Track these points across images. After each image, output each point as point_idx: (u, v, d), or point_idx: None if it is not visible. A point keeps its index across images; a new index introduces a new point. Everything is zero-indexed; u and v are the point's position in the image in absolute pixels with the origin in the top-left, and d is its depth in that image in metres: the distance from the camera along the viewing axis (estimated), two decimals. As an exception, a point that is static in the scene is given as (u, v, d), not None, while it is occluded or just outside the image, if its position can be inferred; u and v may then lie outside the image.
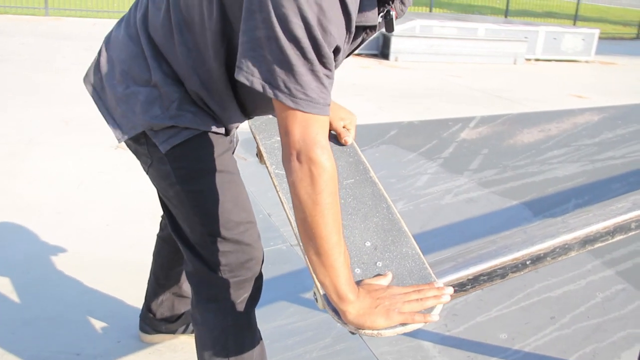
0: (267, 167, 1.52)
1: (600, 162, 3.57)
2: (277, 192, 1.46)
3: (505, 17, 16.58)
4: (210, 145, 1.34)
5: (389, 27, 1.19)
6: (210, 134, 1.34)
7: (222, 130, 1.36)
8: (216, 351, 1.44)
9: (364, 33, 1.21)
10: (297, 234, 1.38)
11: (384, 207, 1.48)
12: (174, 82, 1.28)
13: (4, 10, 11.21)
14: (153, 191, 3.30)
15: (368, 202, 1.48)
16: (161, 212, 1.98)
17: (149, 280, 1.99)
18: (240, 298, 1.41)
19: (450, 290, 1.29)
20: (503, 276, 1.46)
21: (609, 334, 2.15)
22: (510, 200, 3.15)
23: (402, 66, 8.74)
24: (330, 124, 1.58)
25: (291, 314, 2.24)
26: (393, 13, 1.18)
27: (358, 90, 6.49)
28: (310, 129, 1.07)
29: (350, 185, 1.51)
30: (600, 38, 11.51)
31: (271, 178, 1.48)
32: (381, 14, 1.17)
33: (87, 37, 9.16)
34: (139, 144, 1.35)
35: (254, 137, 1.59)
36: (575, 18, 17.22)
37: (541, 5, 20.18)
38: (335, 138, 1.62)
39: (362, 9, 1.11)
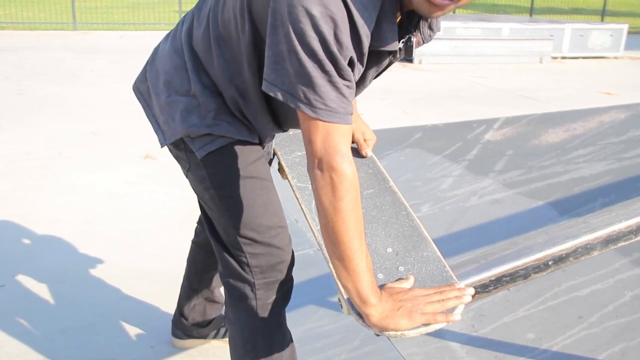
0: (289, 181, 1.58)
1: (627, 160, 3.53)
2: (299, 204, 1.52)
3: (530, 15, 16.44)
4: (244, 153, 1.41)
5: (409, 52, 1.24)
6: (244, 142, 1.41)
7: (255, 139, 1.43)
8: (246, 350, 1.49)
9: (390, 57, 1.27)
10: (319, 241, 1.42)
11: (404, 215, 1.52)
12: (212, 94, 1.36)
13: (33, 26, 11.50)
14: (181, 201, 3.40)
15: (388, 210, 1.52)
16: (191, 221, 2.04)
17: (182, 285, 2.04)
18: (270, 299, 1.46)
19: (471, 291, 1.31)
20: (525, 277, 1.48)
21: (638, 333, 2.13)
22: (535, 200, 3.13)
23: (426, 69, 8.73)
24: (352, 135, 1.66)
25: (319, 317, 2.27)
26: (414, 40, 1.23)
27: (382, 94, 6.51)
28: (331, 137, 1.12)
29: (371, 195, 1.56)
30: (629, 33, 11.33)
31: (293, 191, 1.55)
32: (402, 41, 1.22)
33: (114, 49, 9.35)
34: (179, 149, 1.43)
35: (275, 153, 1.66)
36: (603, 13, 16.99)
37: (567, 1, 19.96)
38: (356, 150, 1.67)
39: (383, 39, 1.16)
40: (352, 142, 1.69)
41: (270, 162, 1.63)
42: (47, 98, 5.84)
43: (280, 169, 1.65)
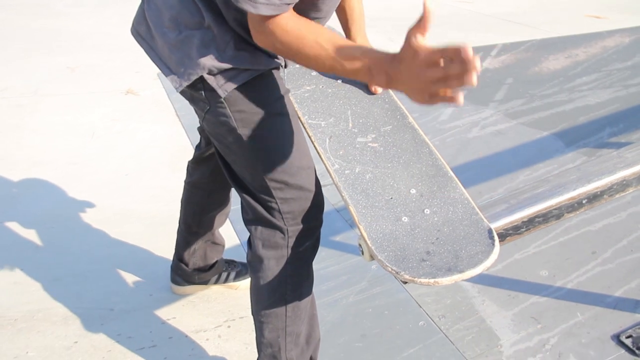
0: (299, 118, 1.45)
1: (635, 86, 3.40)
2: (312, 142, 1.40)
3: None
4: (269, 88, 1.29)
5: None
6: (269, 75, 1.29)
7: (278, 64, 1.31)
8: (273, 301, 1.40)
9: None
10: (337, 182, 1.31)
11: (426, 152, 1.42)
12: (225, 22, 1.23)
13: (-4, -46, 10.84)
14: (168, 138, 3.25)
15: (409, 149, 1.42)
16: (180, 159, 1.90)
17: (178, 230, 1.93)
18: (302, 247, 1.36)
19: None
20: (558, 217, 1.39)
21: (653, 267, 2.08)
22: (540, 131, 3.03)
23: (410, -6, 8.44)
24: None
25: (323, 258, 2.19)
26: None
27: (366, 21, 6.27)
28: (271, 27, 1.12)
29: (388, 132, 1.45)
30: (615, -47, 11.01)
31: (304, 129, 1.43)
32: None
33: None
34: (196, 89, 1.29)
35: None
36: None
37: None
38: (365, 86, 1.55)
39: None
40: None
41: None
42: (16, 30, 5.52)
43: None
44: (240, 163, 1.34)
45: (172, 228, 1.97)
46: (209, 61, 1.22)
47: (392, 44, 4.74)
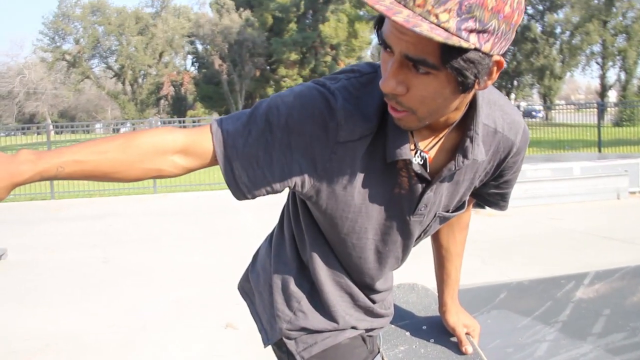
0: None
1: None
2: None
3: (599, 148, 16.31)
4: (345, 357, 1.36)
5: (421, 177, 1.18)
6: (347, 344, 1.37)
7: (346, 325, 1.38)
8: None
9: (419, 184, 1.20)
10: None
11: None
12: (298, 282, 1.36)
13: (117, 192, 12.24)
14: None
15: None
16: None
17: None
18: None
19: None
20: None
21: None
22: (647, 369, 2.87)
23: (498, 214, 8.60)
24: (453, 330, 1.63)
25: None
26: (426, 156, 1.16)
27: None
28: None
29: None
30: None
31: None
32: (415, 152, 1.16)
33: (191, 211, 9.74)
34: (282, 351, 1.41)
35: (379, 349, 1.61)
36: (675, 143, 16.68)
37: (635, 131, 19.69)
38: (456, 346, 1.61)
39: (394, 140, 1.12)
40: (453, 337, 1.64)
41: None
42: (130, 265, 6.03)
43: None
44: None
45: None
46: (285, 324, 1.35)
47: (486, 267, 4.77)
